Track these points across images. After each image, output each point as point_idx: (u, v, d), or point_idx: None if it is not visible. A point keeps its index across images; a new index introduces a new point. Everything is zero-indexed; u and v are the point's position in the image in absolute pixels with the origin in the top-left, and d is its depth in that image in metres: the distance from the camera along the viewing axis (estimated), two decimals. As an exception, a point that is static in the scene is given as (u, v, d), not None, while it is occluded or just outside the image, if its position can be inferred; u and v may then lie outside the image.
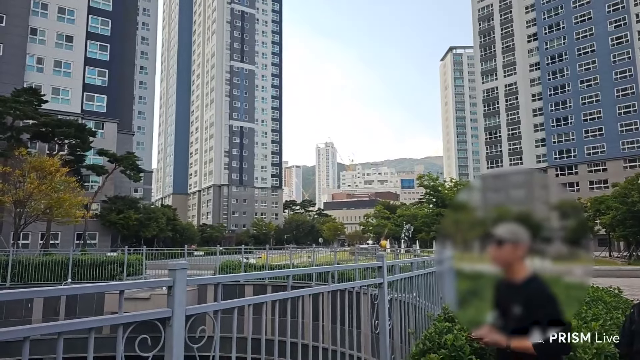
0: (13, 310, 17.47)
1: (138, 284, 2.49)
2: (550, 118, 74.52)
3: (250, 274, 12.04)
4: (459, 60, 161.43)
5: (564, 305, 1.95)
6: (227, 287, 16.51)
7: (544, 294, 1.93)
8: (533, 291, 1.94)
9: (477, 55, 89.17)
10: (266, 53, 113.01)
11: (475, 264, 2.27)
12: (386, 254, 5.02)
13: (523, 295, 1.95)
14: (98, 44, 49.85)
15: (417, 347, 3.49)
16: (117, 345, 1.94)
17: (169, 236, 58.45)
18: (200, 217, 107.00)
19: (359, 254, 23.37)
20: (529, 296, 1.93)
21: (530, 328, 1.88)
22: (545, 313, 1.89)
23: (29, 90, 38.91)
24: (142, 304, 15.71)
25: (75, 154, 41.45)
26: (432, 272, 5.43)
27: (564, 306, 1.98)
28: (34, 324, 1.82)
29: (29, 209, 29.81)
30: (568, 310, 2.11)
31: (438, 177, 72.88)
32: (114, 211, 47.29)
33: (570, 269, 2.16)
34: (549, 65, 75.49)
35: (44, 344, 14.52)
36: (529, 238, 2.02)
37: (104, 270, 20.28)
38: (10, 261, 18.88)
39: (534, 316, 1.89)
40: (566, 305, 2.05)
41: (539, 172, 30.65)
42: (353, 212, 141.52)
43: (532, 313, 1.90)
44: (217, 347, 2.46)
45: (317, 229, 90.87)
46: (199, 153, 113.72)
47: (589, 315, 4.00)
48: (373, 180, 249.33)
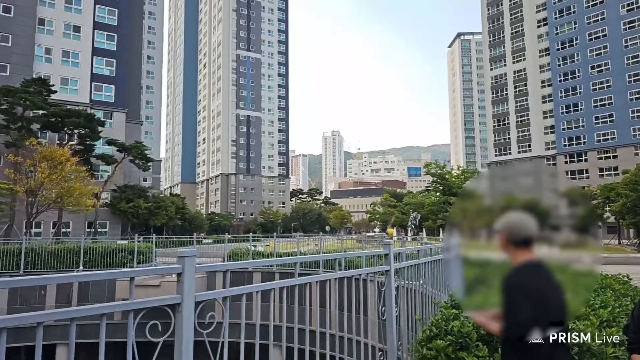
0: (27, 297, 17.83)
1: (148, 271, 2.54)
2: (559, 105, 73.50)
3: (258, 262, 12.17)
4: (467, 46, 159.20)
5: (568, 293, 1.97)
6: (236, 274, 16.70)
7: (505, 282, 1.98)
8: (510, 278, 1.99)
9: (486, 41, 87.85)
10: (272, 41, 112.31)
11: (481, 251, 2.28)
12: (393, 242, 5.03)
13: (505, 281, 2.01)
14: (105, 34, 49.85)
15: (424, 334, 3.52)
16: (128, 331, 1.98)
17: (178, 224, 58.96)
18: (208, 206, 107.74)
19: (365, 242, 23.46)
20: (505, 282, 1.99)
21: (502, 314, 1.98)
22: (505, 301, 1.95)
23: (38, 80, 39.14)
24: (152, 291, 15.93)
25: (85, 143, 41.79)
26: (439, 259, 5.44)
27: (571, 294, 1.99)
28: (47, 310, 1.86)
29: (40, 198, 30.22)
30: (576, 298, 2.11)
31: (445, 165, 72.53)
32: (123, 200, 47.75)
33: (578, 257, 2.15)
34: (559, 50, 74.19)
35: (57, 330, 14.81)
36: (509, 227, 2.04)
37: (114, 258, 20.57)
38: (23, 249, 19.21)
39: (506, 302, 1.97)
40: (574, 292, 2.06)
41: (547, 159, 30.43)
42: (360, 200, 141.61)
43: (506, 299, 1.97)
44: (226, 333, 2.49)
45: (324, 217, 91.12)
46: (207, 142, 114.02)
47: (597, 303, 4.00)
48: (380, 169, 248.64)
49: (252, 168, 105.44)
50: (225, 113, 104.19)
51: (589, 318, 3.26)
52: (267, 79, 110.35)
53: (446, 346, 3.12)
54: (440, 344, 3.14)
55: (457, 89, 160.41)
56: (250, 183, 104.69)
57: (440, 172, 66.61)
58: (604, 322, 3.39)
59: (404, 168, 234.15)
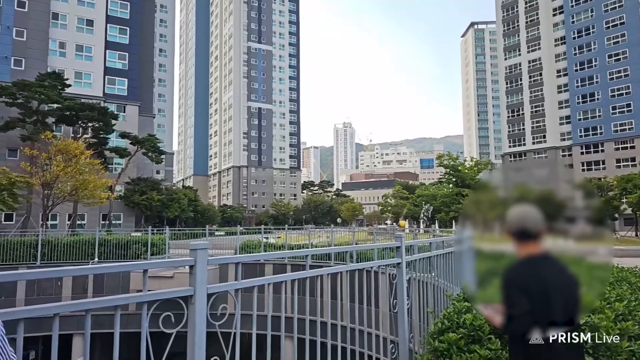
0: (44, 287, 18.23)
1: (161, 264, 2.57)
2: (575, 94, 72.09)
3: (270, 254, 12.25)
4: (480, 36, 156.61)
5: (583, 287, 1.94)
6: (248, 266, 16.84)
7: (503, 276, 1.97)
8: (509, 272, 1.98)
9: (500, 31, 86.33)
10: (283, 33, 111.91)
11: (493, 244, 2.25)
12: (405, 234, 5.01)
13: (504, 274, 2.00)
14: (118, 27, 50.19)
15: (436, 326, 3.51)
16: (142, 322, 2.01)
17: (191, 217, 59.56)
18: (220, 198, 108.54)
19: (377, 234, 23.43)
20: (503, 276, 1.99)
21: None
22: (503, 294, 1.94)
23: (52, 74, 39.64)
24: (166, 282, 16.16)
25: (99, 136, 42.31)
26: (452, 252, 5.41)
27: (585, 287, 1.96)
28: (63, 302, 1.89)
29: (56, 190, 30.75)
30: (591, 291, 2.08)
31: (458, 156, 71.84)
32: (137, 192, 48.35)
33: (590, 249, 2.12)
34: (575, 39, 72.59)
35: (73, 320, 15.10)
36: (510, 221, 2.03)
37: (128, 249, 20.89)
38: (40, 241, 19.62)
39: (504, 296, 1.95)
40: (589, 286, 2.03)
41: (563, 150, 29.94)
42: (371, 192, 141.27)
43: (505, 292, 1.95)
44: (238, 324, 2.52)
45: (336, 210, 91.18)
46: (219, 135, 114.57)
47: (613, 296, 3.94)
48: (392, 161, 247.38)
49: (263, 160, 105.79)
50: (236, 105, 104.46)
51: (604, 311, 3.21)
52: (278, 70, 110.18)
53: (458, 339, 3.11)
54: (453, 337, 3.12)
55: (470, 80, 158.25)
56: (262, 175, 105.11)
57: (453, 163, 66.02)
58: (620, 315, 3.34)
59: (416, 160, 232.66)
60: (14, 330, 1.66)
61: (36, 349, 19.52)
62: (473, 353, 2.96)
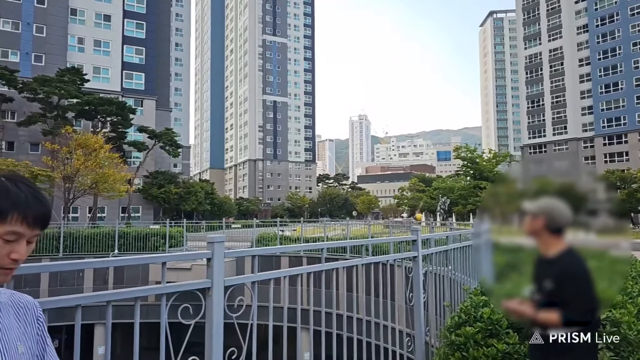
0: (66, 278, 18.71)
1: (179, 257, 2.61)
2: (598, 84, 70.16)
3: (286, 247, 12.34)
4: (499, 25, 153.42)
5: (601, 280, 1.90)
6: (264, 259, 16.98)
7: (572, 269, 1.89)
8: (562, 267, 1.90)
9: (520, 19, 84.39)
10: (298, 25, 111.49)
11: (512, 237, 2.22)
12: (421, 228, 4.98)
13: (552, 270, 1.91)
14: (134, 22, 50.71)
15: (453, 320, 3.49)
16: (161, 313, 2.04)
17: (208, 209, 60.24)
18: (237, 191, 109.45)
19: (393, 228, 23.33)
20: (558, 271, 1.90)
21: (557, 303, 1.88)
22: (572, 289, 1.86)
23: (71, 69, 40.36)
24: (184, 274, 16.42)
25: (117, 130, 43.02)
26: (469, 245, 5.36)
27: (606, 281, 1.92)
28: (85, 293, 1.94)
29: (76, 184, 31.43)
30: (612, 285, 2.04)
31: (476, 148, 70.79)
32: (155, 185, 49.08)
33: (613, 243, 2.07)
34: (599, 27, 70.47)
35: (95, 310, 15.47)
36: (561, 211, 1.95)
37: (147, 242, 21.27)
38: (62, 233, 20.11)
39: (561, 291, 1.86)
40: (610, 280, 1.98)
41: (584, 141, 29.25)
42: (387, 185, 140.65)
43: (559, 288, 1.87)
44: (254, 316, 2.55)
45: (351, 203, 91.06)
46: (234, 128, 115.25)
47: (635, 291, 3.86)
48: (408, 153, 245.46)
49: (279, 154, 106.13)
50: (252, 99, 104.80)
51: (626, 306, 3.15)
52: (293, 63, 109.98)
53: (475, 333, 3.09)
54: (470, 331, 3.10)
55: (489, 70, 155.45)
56: (277, 169, 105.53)
57: (470, 155, 65.05)
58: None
59: (433, 152, 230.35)
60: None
61: (60, 338, 20.10)
62: (490, 347, 2.94)
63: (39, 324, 1.25)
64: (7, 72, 36.62)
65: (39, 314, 1.26)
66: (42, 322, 1.26)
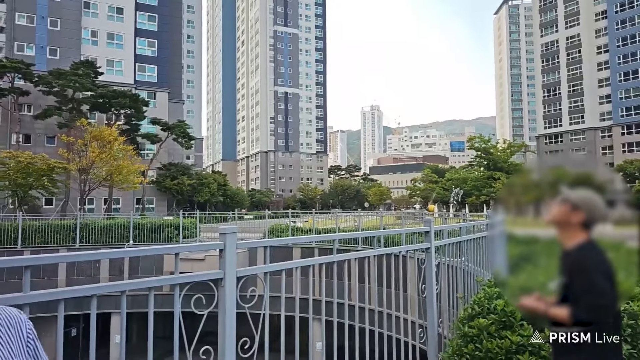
0: (83, 269, 19.10)
1: (192, 247, 2.63)
2: (617, 72, 68.48)
3: (298, 238, 12.39)
4: (515, 12, 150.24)
5: (619, 272, 1.84)
6: (276, 249, 17.08)
7: (592, 261, 1.81)
8: (581, 258, 1.83)
9: (536, 6, 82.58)
10: (309, 15, 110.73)
11: (527, 228, 2.18)
12: (434, 219, 4.95)
13: (571, 262, 1.84)
14: (147, 15, 50.90)
15: (466, 312, 3.47)
16: (174, 303, 2.07)
17: (220, 201, 60.70)
18: (249, 183, 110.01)
19: (405, 219, 23.25)
20: (575, 263, 1.83)
21: (570, 296, 1.80)
22: (590, 281, 1.77)
23: (85, 62, 40.76)
24: (197, 265, 16.63)
25: (131, 123, 43.44)
26: (483, 236, 5.31)
27: (623, 273, 1.87)
28: (101, 283, 1.97)
29: (92, 176, 31.91)
30: (630, 277, 1.99)
31: (490, 138, 69.92)
32: (168, 177, 49.61)
33: (630, 235, 2.03)
34: (618, 13, 68.59)
35: (112, 300, 15.82)
36: (597, 205, 1.87)
37: (161, 232, 21.55)
38: (78, 224, 20.49)
39: (577, 284, 1.79)
40: (627, 272, 1.94)
41: (602, 131, 28.72)
42: (399, 176, 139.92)
43: (576, 280, 1.80)
44: (266, 307, 2.56)
45: (363, 194, 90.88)
46: (246, 120, 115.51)
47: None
48: (421, 144, 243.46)
49: (290, 145, 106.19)
50: (263, 90, 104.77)
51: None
52: (304, 54, 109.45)
53: (489, 325, 3.07)
54: (483, 323, 3.09)
55: (504, 58, 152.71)
56: (289, 160, 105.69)
57: (484, 146, 64.36)
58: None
59: (446, 143, 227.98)
60: (56, 309, 1.74)
61: (77, 327, 20.60)
62: (504, 339, 2.92)
63: (29, 344, 1.08)
64: (23, 66, 37.15)
65: (28, 330, 1.10)
66: (33, 339, 1.10)
